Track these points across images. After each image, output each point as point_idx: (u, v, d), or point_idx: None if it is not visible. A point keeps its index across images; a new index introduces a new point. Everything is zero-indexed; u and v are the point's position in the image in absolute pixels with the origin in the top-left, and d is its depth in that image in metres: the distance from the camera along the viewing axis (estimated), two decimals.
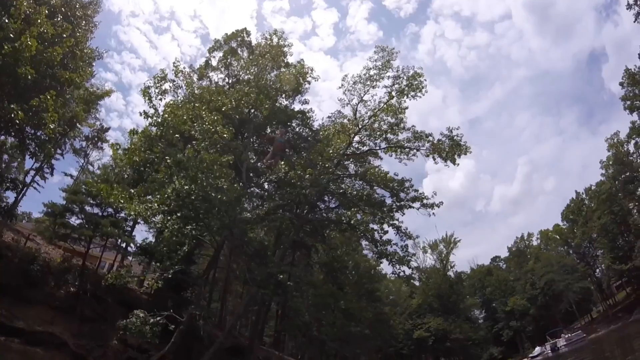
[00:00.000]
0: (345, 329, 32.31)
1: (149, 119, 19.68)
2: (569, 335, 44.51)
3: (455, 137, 22.10)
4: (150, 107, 20.06)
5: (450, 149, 22.08)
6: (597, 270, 62.85)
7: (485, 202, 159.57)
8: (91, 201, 21.32)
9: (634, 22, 34.45)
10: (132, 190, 16.91)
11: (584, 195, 61.55)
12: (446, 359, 66.15)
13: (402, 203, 22.17)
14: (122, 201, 16.29)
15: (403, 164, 24.14)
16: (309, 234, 25.75)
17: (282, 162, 18.43)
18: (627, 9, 33.50)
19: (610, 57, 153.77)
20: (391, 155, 24.19)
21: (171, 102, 21.16)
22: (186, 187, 14.98)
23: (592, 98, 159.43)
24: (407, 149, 23.40)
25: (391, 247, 21.46)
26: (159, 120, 19.78)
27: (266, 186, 24.13)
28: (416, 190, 22.32)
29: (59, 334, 16.33)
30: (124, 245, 27.16)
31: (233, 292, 36.41)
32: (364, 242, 27.34)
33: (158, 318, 14.45)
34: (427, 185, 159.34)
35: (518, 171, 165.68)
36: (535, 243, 74.91)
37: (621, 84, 45.10)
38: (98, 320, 18.02)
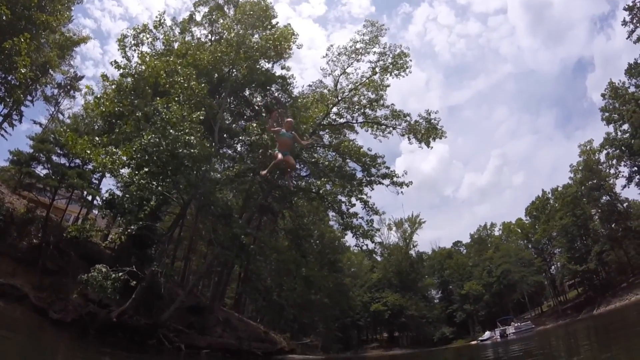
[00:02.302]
0: (306, 296, 33.07)
1: (121, 69, 18.93)
2: (519, 324, 47.15)
3: (432, 121, 22.49)
4: (123, 57, 19.28)
5: (426, 131, 22.48)
6: (553, 267, 65.89)
7: (454, 188, 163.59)
8: (59, 151, 20.68)
9: (627, 38, 35.27)
10: (97, 138, 16.38)
11: (549, 195, 63.75)
12: (400, 334, 69.01)
13: (373, 178, 22.59)
14: (88, 151, 15.81)
15: (378, 140, 24.50)
16: (278, 199, 25.91)
17: (255, 125, 18.33)
18: (622, 25, 34.15)
19: (597, 67, 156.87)
20: (367, 131, 24.40)
21: (146, 54, 20.35)
22: (154, 140, 14.66)
23: (572, 104, 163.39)
24: (383, 126, 23.64)
25: (357, 220, 21.98)
26: (132, 72, 19.06)
27: (239, 148, 23.89)
28: (388, 168, 22.81)
29: (20, 287, 16.03)
30: (89, 198, 26.52)
31: (197, 252, 36.45)
32: (330, 213, 27.91)
33: (120, 274, 14.36)
34: (399, 165, 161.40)
35: (490, 162, 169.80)
36: (497, 233, 77.73)
37: (603, 95, 46.42)
38: (60, 274, 17.68)
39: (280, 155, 7.45)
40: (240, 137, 21.79)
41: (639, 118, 40.85)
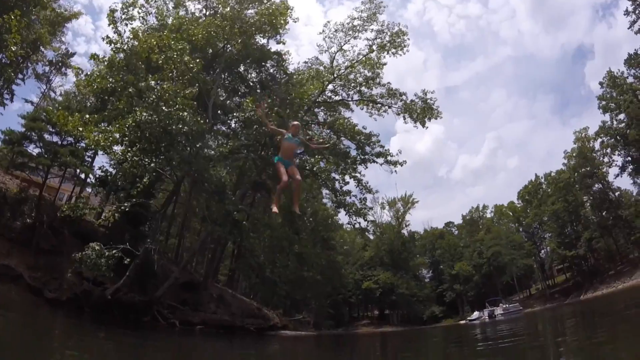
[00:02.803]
0: (298, 273, 33.47)
1: (112, 45, 18.40)
2: (507, 305, 48.16)
3: (428, 101, 22.39)
4: (114, 32, 18.70)
5: (422, 111, 22.39)
6: (542, 251, 67.02)
7: (448, 169, 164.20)
8: (51, 129, 20.35)
9: (628, 28, 34.94)
10: (87, 116, 16.05)
11: (542, 180, 64.27)
12: (391, 311, 70.39)
13: (367, 157, 22.58)
14: (80, 129, 15.51)
15: (373, 119, 24.42)
16: (272, 177, 25.86)
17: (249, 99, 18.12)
18: (625, 15, 33.73)
19: (597, 55, 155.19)
20: (362, 109, 24.28)
21: (138, 28, 19.77)
22: (146, 117, 14.40)
23: (569, 90, 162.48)
24: (379, 105, 23.52)
25: (350, 198, 22.06)
26: (124, 47, 18.53)
27: (233, 125, 23.65)
28: (382, 146, 22.79)
29: (14, 267, 16.02)
30: (82, 176, 26.27)
31: (191, 229, 36.49)
32: (324, 191, 27.89)
33: (114, 251, 14.35)
34: (394, 144, 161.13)
35: (485, 145, 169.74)
36: (488, 215, 78.52)
37: (601, 83, 46.23)
38: (54, 253, 17.63)
39: (285, 177, 6.38)
40: (235, 114, 21.51)
41: (636, 109, 40.91)
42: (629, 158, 46.35)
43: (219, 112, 22.58)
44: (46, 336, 6.73)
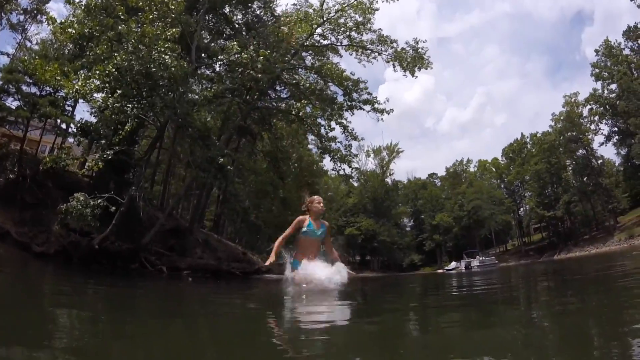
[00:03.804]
0: (282, 218, 34.07)
1: None
2: (483, 258, 50.51)
3: (419, 50, 21.87)
4: None
5: (412, 59, 21.96)
6: (521, 209, 69.41)
7: (435, 121, 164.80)
8: (28, 80, 19.51)
9: (631, 0, 33.72)
10: (67, 65, 15.19)
11: (528, 139, 65.13)
12: (371, 258, 73.27)
13: (354, 103, 22.28)
14: (58, 78, 14.72)
15: (362, 65, 23.80)
16: (257, 121, 25.65)
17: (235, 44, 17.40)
18: None
19: (595, 22, 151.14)
20: (351, 54, 23.65)
21: None
22: (127, 62, 13.71)
23: (564, 54, 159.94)
24: (369, 51, 22.85)
25: (335, 144, 21.92)
26: None
27: (217, 68, 22.82)
28: (370, 94, 22.39)
29: (1, 224, 15.79)
30: (63, 126, 25.46)
31: (176, 175, 36.29)
32: (309, 137, 27.72)
33: (99, 200, 14.21)
34: (382, 92, 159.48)
35: (474, 100, 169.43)
36: (472, 170, 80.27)
37: (597, 51, 45.75)
38: (39, 206, 17.39)
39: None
40: (219, 57, 20.65)
41: (628, 81, 40.81)
42: (616, 128, 47.26)
43: (202, 55, 21.64)
44: (37, 288, 6.82)
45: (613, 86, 45.00)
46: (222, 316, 4.11)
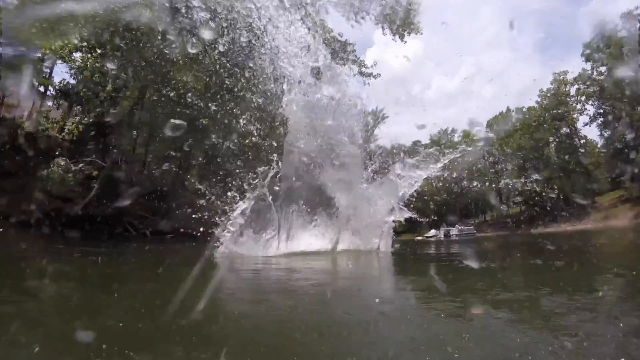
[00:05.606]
0: None
1: None
2: (462, 227, 51.81)
3: (410, 10, 21.22)
4: None
5: (402, 23, 21.36)
6: (502, 182, 70.30)
7: (423, 88, 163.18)
8: (2, 41, 18.19)
9: None
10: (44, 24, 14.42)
11: (513, 113, 65.20)
12: None
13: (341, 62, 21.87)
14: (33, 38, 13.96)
15: (350, 25, 23.07)
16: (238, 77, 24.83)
17: None
18: None
19: (594, 2, 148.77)
20: (339, 11, 22.85)
21: None
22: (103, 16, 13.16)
23: (558, 31, 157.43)
24: (356, 8, 22.14)
25: None
26: None
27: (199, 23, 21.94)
28: (357, 57, 22.01)
29: None
30: (42, 89, 24.31)
31: (158, 137, 35.58)
32: None
33: (80, 165, 13.97)
34: (370, 55, 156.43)
35: (462, 69, 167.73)
36: (456, 139, 79.87)
37: (592, 32, 45.27)
38: (19, 174, 16.68)
39: None
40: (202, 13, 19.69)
41: (619, 64, 40.78)
42: (601, 110, 47.62)
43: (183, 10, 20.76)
44: (21, 257, 6.86)
45: (602, 68, 45.17)
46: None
